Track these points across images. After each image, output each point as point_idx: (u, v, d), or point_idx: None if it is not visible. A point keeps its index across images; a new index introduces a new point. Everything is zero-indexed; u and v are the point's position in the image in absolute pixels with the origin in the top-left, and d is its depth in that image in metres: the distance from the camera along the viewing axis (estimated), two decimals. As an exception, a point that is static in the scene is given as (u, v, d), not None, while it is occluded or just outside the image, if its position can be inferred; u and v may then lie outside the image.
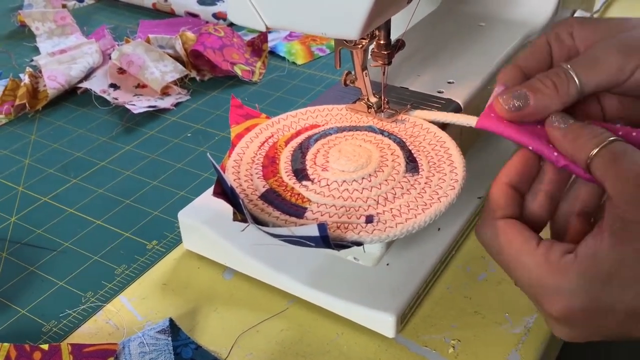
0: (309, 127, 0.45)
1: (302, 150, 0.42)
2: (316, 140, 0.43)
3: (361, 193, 0.38)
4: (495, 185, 0.35)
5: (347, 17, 0.34)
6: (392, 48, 0.42)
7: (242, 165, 0.42)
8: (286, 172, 0.41)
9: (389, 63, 0.42)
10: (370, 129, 0.43)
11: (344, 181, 0.39)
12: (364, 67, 0.42)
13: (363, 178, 0.39)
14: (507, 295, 0.46)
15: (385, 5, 0.35)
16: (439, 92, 0.48)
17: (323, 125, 0.45)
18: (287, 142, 0.44)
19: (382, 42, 0.42)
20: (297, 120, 0.45)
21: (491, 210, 0.35)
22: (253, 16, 0.37)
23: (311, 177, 0.40)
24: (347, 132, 0.43)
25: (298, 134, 0.44)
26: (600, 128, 0.34)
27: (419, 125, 0.43)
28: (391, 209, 0.37)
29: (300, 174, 0.40)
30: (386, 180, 0.39)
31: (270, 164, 0.42)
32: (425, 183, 0.39)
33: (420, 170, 0.40)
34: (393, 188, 0.38)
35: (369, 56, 0.43)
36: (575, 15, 0.62)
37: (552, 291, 0.32)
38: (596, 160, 0.32)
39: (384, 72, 0.43)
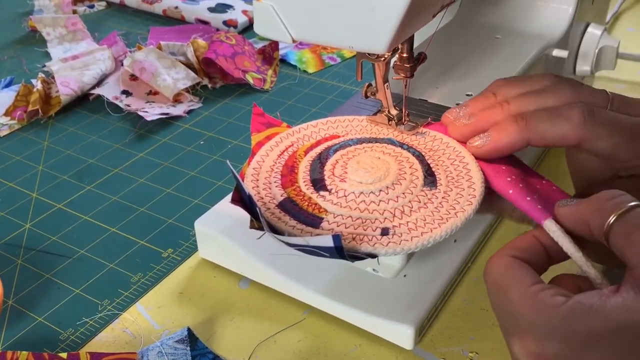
0: (328, 138, 0.45)
1: (321, 161, 0.42)
2: (335, 151, 0.43)
3: (378, 205, 0.38)
4: (526, 234, 0.35)
5: (375, 32, 0.35)
6: (415, 61, 0.42)
7: (261, 173, 0.43)
8: (304, 181, 0.41)
9: (411, 76, 0.43)
10: (390, 141, 0.43)
11: (361, 193, 0.39)
12: (386, 80, 0.43)
13: (380, 190, 0.39)
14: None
15: (412, 19, 0.35)
16: (458, 104, 0.48)
17: (343, 135, 0.45)
18: (306, 152, 0.44)
19: (404, 55, 0.42)
20: (317, 130, 0.45)
21: (506, 248, 0.34)
22: (280, 29, 0.37)
23: (329, 187, 0.40)
24: (367, 143, 0.43)
25: (318, 143, 0.45)
26: (616, 191, 0.31)
27: (439, 139, 0.43)
28: (407, 222, 0.37)
29: (318, 184, 0.40)
30: (403, 193, 0.39)
31: (289, 173, 0.42)
32: (442, 197, 0.39)
33: (438, 184, 0.40)
34: (410, 201, 0.39)
35: (391, 69, 0.43)
36: (589, 27, 0.63)
37: (528, 325, 0.29)
38: (616, 229, 0.29)
39: (405, 85, 0.43)
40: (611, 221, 0.30)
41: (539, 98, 0.39)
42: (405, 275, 0.45)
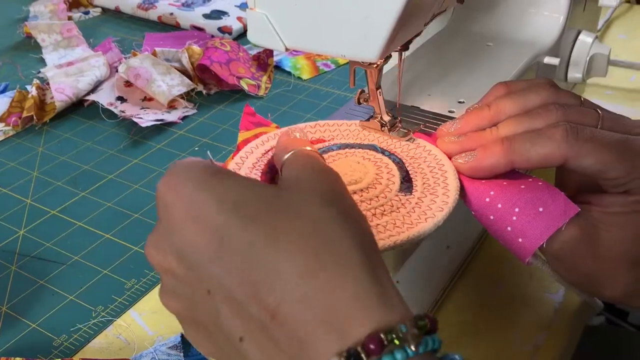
0: (314, 141, 0.45)
1: None
2: None
3: None
4: None
5: (367, 41, 0.35)
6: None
7: (242, 169, 0.42)
8: None
9: (407, 49, 0.43)
10: (373, 147, 0.44)
11: None
12: (378, 86, 0.43)
13: (354, 192, 0.39)
14: (517, 313, 0.47)
15: (404, 28, 0.36)
16: (450, 111, 0.48)
17: (329, 140, 0.45)
18: None
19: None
20: (305, 133, 0.45)
21: None
22: (273, 37, 0.37)
23: None
24: (349, 149, 0.44)
25: None
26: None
27: (422, 147, 0.43)
28: (377, 224, 0.37)
29: None
30: (377, 197, 0.39)
31: (269, 171, 0.42)
32: (415, 203, 0.39)
33: (413, 190, 0.40)
34: (383, 205, 0.39)
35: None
36: (581, 35, 0.63)
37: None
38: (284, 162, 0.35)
39: (400, 59, 0.43)
40: (283, 159, 0.35)
41: (527, 120, 0.39)
42: (397, 282, 0.45)
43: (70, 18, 1.01)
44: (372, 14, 0.34)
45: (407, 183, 0.40)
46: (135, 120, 0.71)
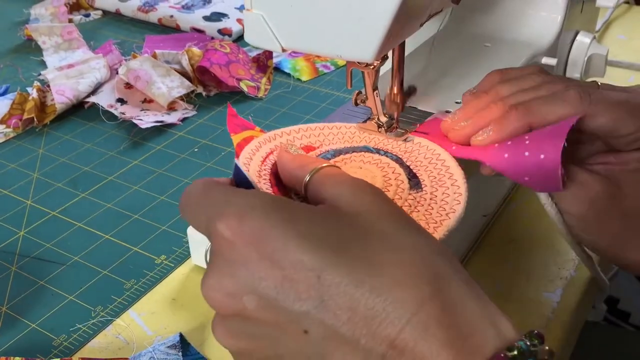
0: (304, 149, 0.44)
1: None
2: None
3: None
4: None
5: (362, 41, 0.35)
6: (405, 94, 0.44)
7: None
8: (297, 195, 0.40)
9: (402, 109, 0.44)
10: (366, 149, 0.43)
11: None
12: (375, 88, 0.43)
13: None
14: (515, 313, 0.47)
15: (400, 29, 0.36)
16: (447, 112, 0.48)
17: (318, 147, 0.44)
18: None
19: (395, 90, 0.44)
20: (292, 138, 0.45)
21: None
22: (269, 38, 0.37)
23: None
24: (344, 154, 0.43)
25: None
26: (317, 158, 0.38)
27: (410, 140, 0.43)
28: None
29: None
30: (393, 200, 0.39)
31: (278, 183, 0.42)
32: (430, 199, 0.39)
33: (423, 185, 0.40)
34: (401, 206, 0.39)
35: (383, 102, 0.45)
36: (578, 35, 0.63)
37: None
38: (312, 180, 0.34)
39: (396, 118, 0.45)
40: (307, 178, 0.34)
41: (533, 91, 0.40)
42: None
43: (70, 20, 1.02)
44: (368, 14, 0.34)
45: (414, 179, 0.40)
46: (135, 121, 0.71)
